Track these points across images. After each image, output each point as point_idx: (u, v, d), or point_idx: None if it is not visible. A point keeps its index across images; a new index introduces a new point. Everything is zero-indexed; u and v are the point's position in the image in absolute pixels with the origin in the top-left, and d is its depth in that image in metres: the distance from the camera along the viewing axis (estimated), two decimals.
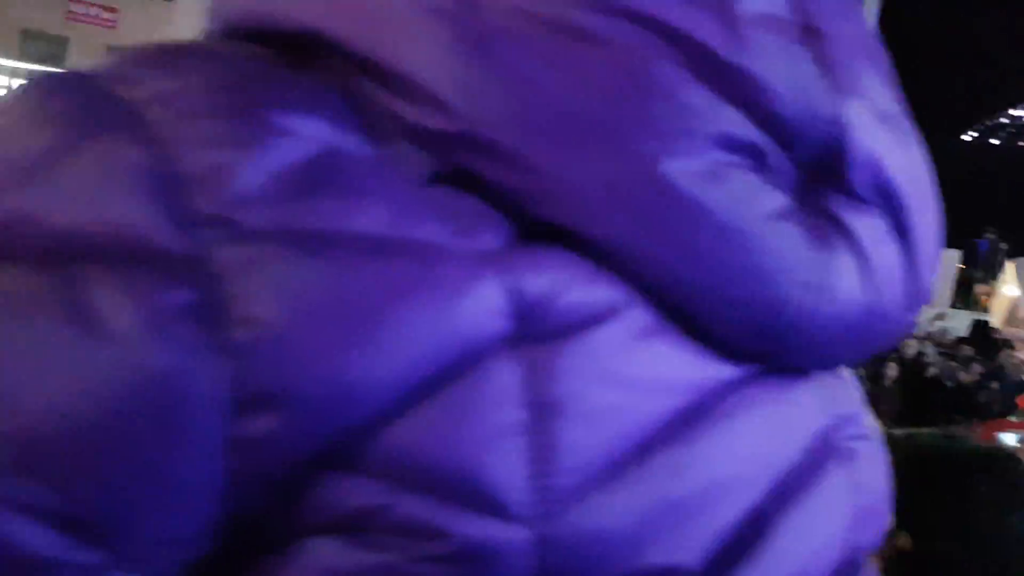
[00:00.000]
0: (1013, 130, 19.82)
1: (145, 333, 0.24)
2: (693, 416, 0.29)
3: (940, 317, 12.74)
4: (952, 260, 19.65)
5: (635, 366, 0.28)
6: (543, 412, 0.26)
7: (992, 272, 30.24)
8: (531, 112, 0.27)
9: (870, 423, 0.38)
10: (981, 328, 13.15)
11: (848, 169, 0.32)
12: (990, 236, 31.72)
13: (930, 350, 9.41)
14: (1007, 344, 10.37)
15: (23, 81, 0.31)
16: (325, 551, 0.26)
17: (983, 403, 7.22)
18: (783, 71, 0.30)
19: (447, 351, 0.26)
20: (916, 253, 0.34)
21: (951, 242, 21.18)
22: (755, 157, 0.30)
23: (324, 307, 0.25)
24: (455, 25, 0.27)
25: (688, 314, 0.30)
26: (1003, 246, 30.38)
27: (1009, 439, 3.56)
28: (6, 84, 11.33)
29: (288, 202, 0.25)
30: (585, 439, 0.27)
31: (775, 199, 0.30)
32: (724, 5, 0.29)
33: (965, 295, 29.89)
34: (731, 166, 0.29)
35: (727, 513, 0.29)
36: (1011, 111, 19.61)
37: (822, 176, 0.32)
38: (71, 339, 0.23)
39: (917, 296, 0.35)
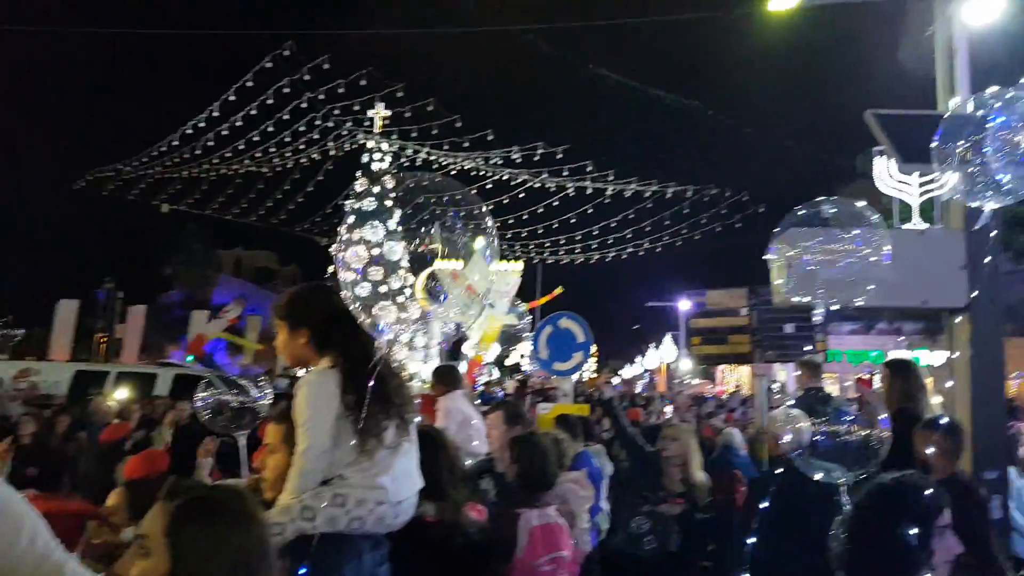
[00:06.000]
0: (125, 180, 21.07)
1: None
2: None
3: (25, 373, 12.29)
4: (71, 310, 19.32)
5: None
6: None
7: (110, 320, 32.18)
8: None
9: None
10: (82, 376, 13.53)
11: None
12: (108, 285, 33.63)
13: (17, 409, 9.17)
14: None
15: None
16: None
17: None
18: None
19: None
20: None
21: (71, 292, 21.15)
22: None
23: None
24: None
25: None
26: (120, 294, 32.67)
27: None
28: None
29: None
30: None
31: None
32: None
33: (86, 343, 30.41)
34: None
35: None
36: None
37: None
38: None
39: None
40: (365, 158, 20.78)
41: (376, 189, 21.20)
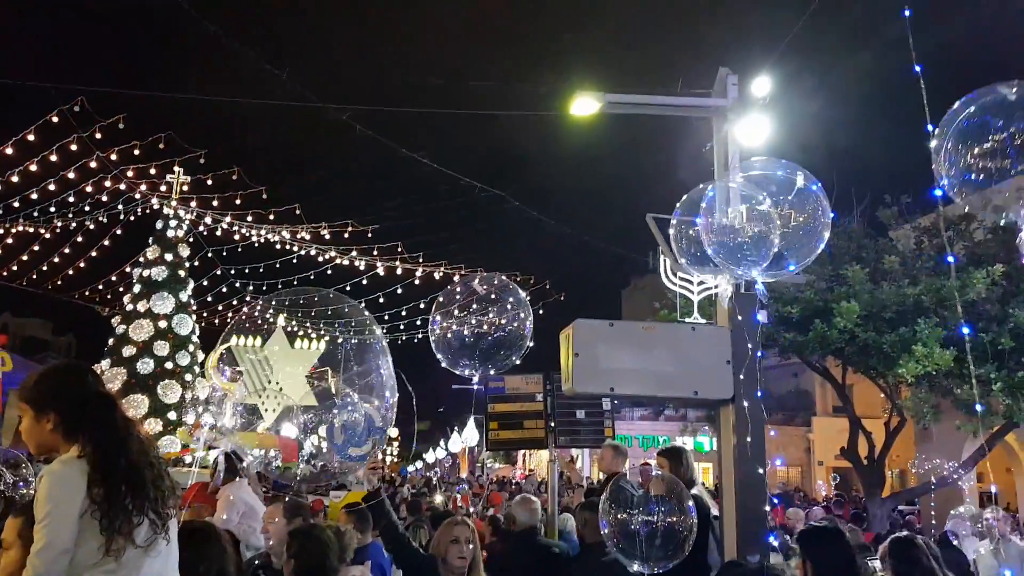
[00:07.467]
0: None
1: None
2: None
3: None
4: None
5: None
6: None
7: None
8: None
9: None
10: None
11: None
12: None
13: None
14: None
15: None
16: None
17: None
18: None
19: None
20: None
21: None
22: None
23: None
24: None
25: None
26: None
27: None
28: None
29: None
30: None
31: None
32: None
33: None
34: None
35: None
36: None
37: None
38: None
39: None
40: (159, 224, 19.52)
41: (169, 257, 19.89)
